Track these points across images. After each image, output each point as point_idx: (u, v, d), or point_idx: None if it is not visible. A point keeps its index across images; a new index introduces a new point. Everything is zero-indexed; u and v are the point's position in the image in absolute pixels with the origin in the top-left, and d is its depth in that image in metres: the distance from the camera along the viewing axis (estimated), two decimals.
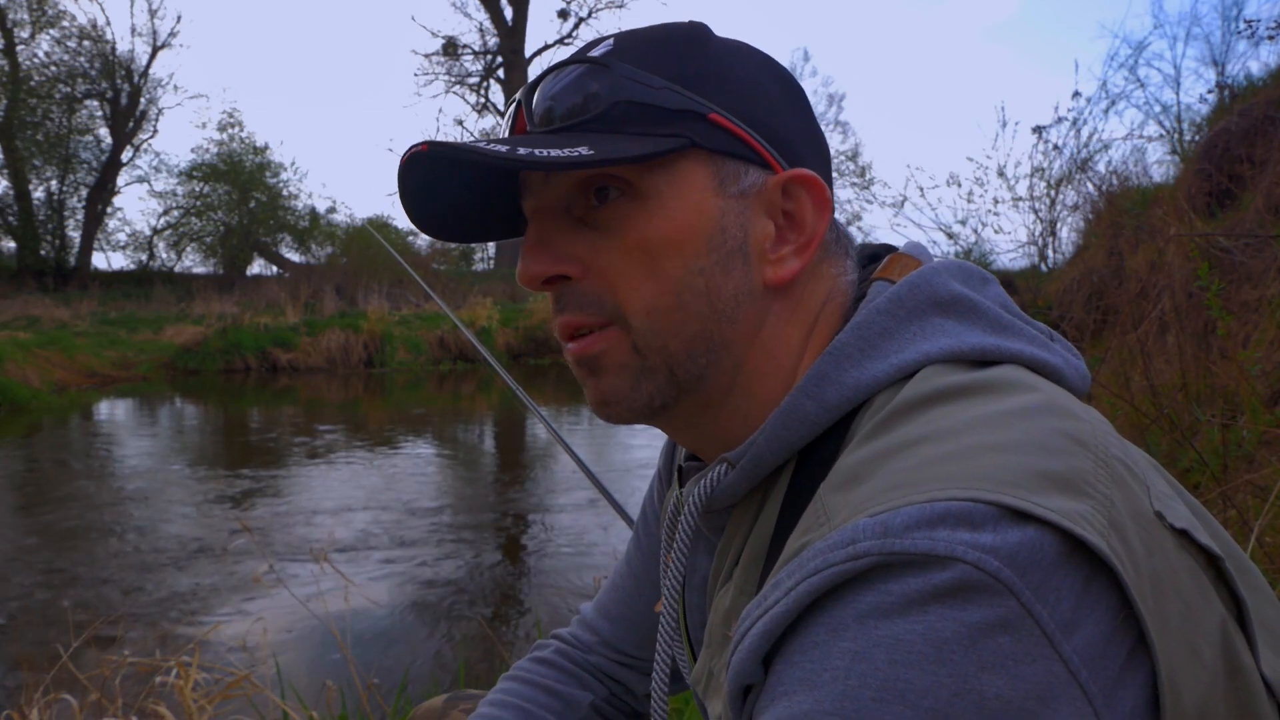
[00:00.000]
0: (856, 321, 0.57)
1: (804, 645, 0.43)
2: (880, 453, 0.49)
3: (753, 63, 0.63)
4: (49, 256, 25.19)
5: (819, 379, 0.56)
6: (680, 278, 0.59)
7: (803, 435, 0.56)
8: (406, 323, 17.58)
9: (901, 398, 0.52)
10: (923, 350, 0.55)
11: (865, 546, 0.42)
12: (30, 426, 10.56)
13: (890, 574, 0.41)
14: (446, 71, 28.30)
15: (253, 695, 2.52)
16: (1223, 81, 8.70)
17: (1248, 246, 4.52)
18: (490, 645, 3.95)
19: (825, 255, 0.63)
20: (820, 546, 0.44)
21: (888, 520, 0.42)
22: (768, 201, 0.60)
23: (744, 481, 0.59)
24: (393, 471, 7.76)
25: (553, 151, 0.55)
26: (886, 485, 0.45)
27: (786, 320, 0.61)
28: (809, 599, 0.43)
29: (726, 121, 0.59)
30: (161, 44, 26.88)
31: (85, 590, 4.69)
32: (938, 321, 0.57)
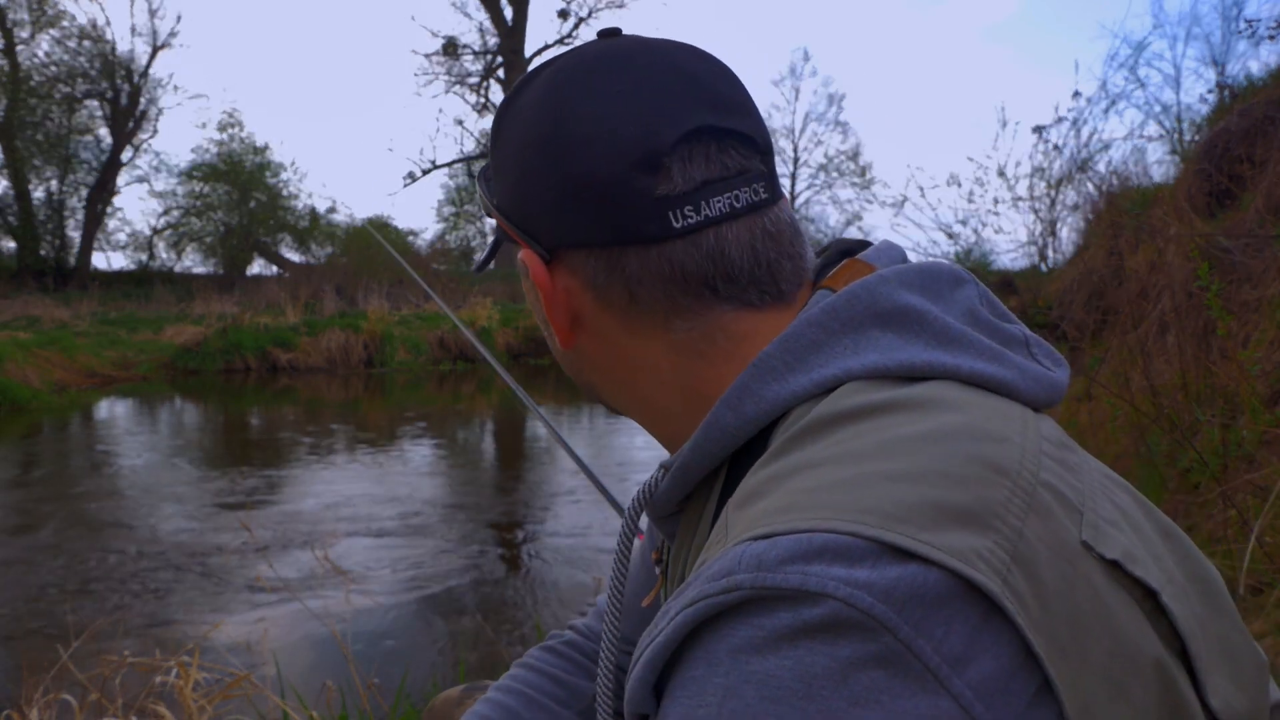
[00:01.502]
0: (785, 334, 0.56)
1: (684, 680, 0.42)
2: (781, 471, 0.48)
3: (516, 129, 0.64)
4: (49, 256, 25.20)
5: (740, 390, 0.55)
6: (547, 339, 0.70)
7: (724, 445, 0.56)
8: (406, 323, 17.58)
9: (813, 415, 0.51)
10: (845, 366, 0.54)
11: (739, 579, 0.41)
12: (30, 426, 10.57)
13: (763, 608, 0.41)
14: (446, 71, 28.31)
15: (253, 695, 2.53)
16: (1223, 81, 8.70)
17: (1248, 246, 4.52)
18: (490, 645, 3.95)
19: (630, 315, 0.61)
20: (703, 573, 0.43)
21: (763, 552, 0.41)
22: (528, 277, 0.65)
23: (676, 488, 0.59)
24: (393, 471, 7.76)
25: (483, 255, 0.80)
26: (777, 506, 0.45)
27: (630, 373, 0.64)
28: (685, 630, 0.42)
29: (495, 215, 0.67)
30: (161, 44, 26.91)
31: (85, 590, 4.69)
32: (874, 335, 0.54)
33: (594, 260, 0.61)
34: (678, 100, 0.59)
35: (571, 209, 0.60)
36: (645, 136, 0.58)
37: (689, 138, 0.58)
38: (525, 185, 0.62)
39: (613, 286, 0.61)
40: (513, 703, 0.91)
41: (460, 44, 28.00)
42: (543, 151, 0.61)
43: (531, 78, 0.65)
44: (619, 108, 0.59)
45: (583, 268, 0.61)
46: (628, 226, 0.59)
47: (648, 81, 0.59)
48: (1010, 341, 0.58)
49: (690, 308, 0.60)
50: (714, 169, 0.59)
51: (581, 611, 1.07)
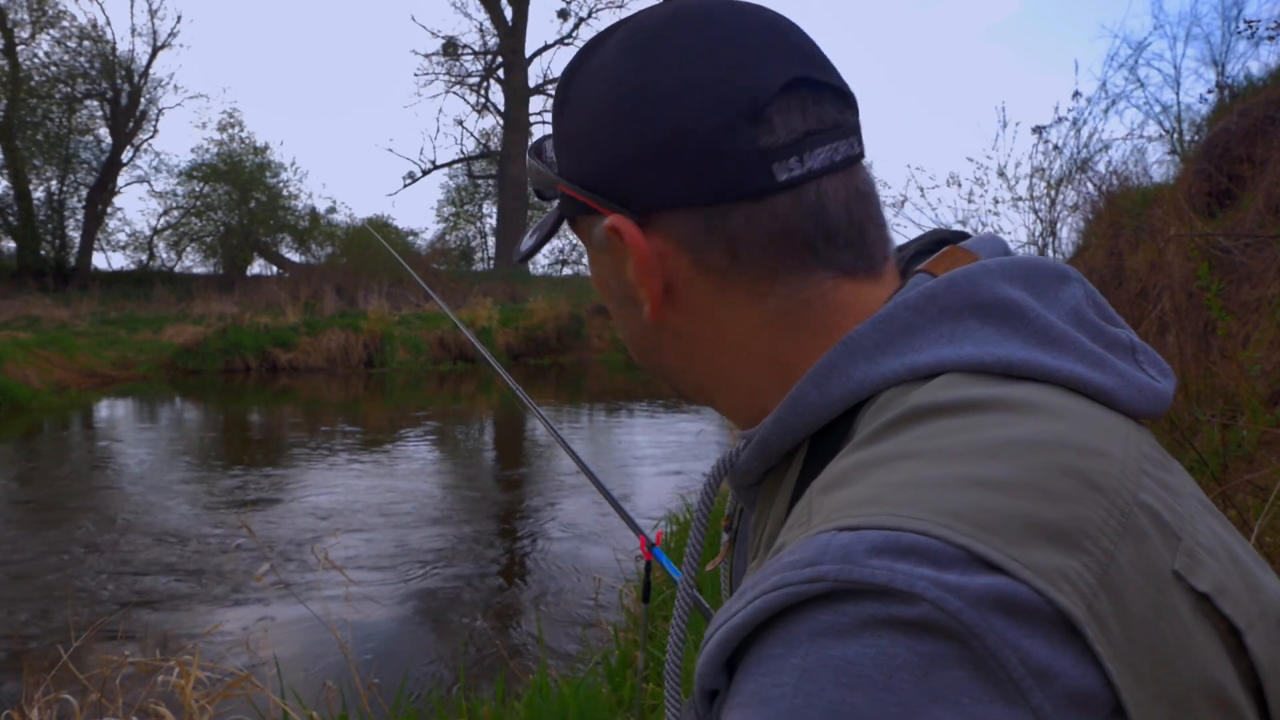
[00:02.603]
0: (879, 314, 0.54)
1: (760, 657, 0.42)
2: (871, 459, 0.47)
3: (594, 90, 0.60)
4: (49, 256, 25.20)
5: (827, 368, 0.54)
6: (617, 323, 0.68)
7: (806, 423, 0.55)
8: (406, 323, 17.59)
9: (910, 404, 0.49)
10: (940, 355, 0.52)
11: (825, 570, 0.41)
12: (30, 426, 10.57)
13: (848, 598, 0.40)
14: (446, 71, 28.32)
15: (253, 695, 2.53)
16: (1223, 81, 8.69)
17: (1248, 246, 4.52)
18: (490, 645, 3.95)
19: (727, 279, 0.59)
20: (785, 560, 0.43)
21: (850, 545, 0.41)
22: (617, 247, 0.60)
23: (756, 461, 0.58)
24: (393, 472, 7.76)
25: (526, 243, 0.72)
26: (865, 497, 0.44)
27: (718, 346, 0.62)
28: (766, 615, 0.42)
29: (564, 188, 0.63)
30: (161, 44, 26.94)
31: (86, 590, 4.69)
32: (971, 326, 0.52)
33: (693, 220, 0.58)
34: (771, 52, 0.57)
35: (669, 166, 0.57)
36: (745, 86, 0.56)
37: (787, 89, 0.56)
38: (612, 146, 0.59)
39: (713, 247, 0.58)
40: None
41: (460, 44, 28.01)
42: (634, 108, 0.58)
43: (601, 39, 0.62)
44: (713, 59, 0.57)
45: (680, 229, 0.58)
46: (732, 180, 0.56)
47: (738, 34, 0.58)
48: (1115, 346, 0.55)
49: (791, 270, 0.58)
50: (812, 121, 0.57)
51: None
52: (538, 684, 2.88)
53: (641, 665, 1.96)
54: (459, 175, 30.54)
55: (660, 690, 2.86)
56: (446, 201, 31.23)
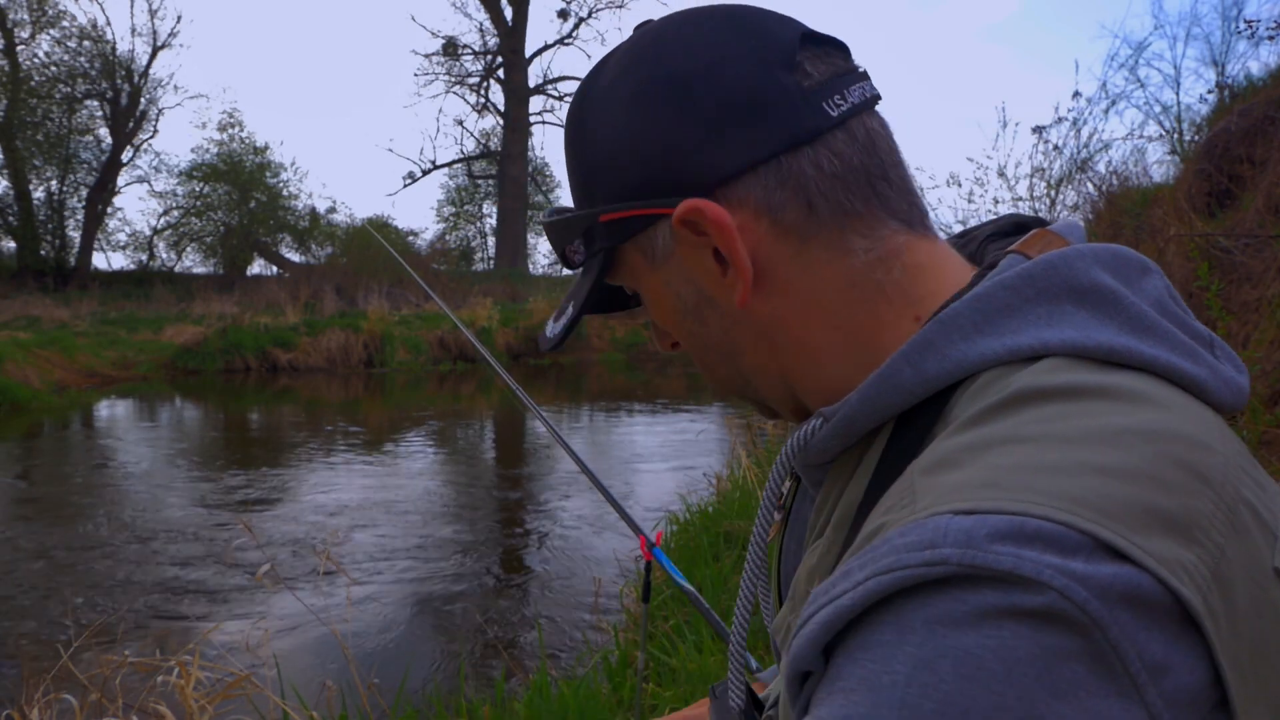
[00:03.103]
0: (976, 292, 0.53)
1: (868, 642, 0.41)
2: (981, 441, 0.46)
3: (615, 105, 0.60)
4: (49, 256, 25.21)
5: (922, 346, 0.53)
6: (688, 345, 0.66)
7: (896, 402, 0.53)
8: (406, 323, 17.59)
9: (1017, 386, 0.48)
10: (1041, 337, 0.51)
11: (946, 554, 0.40)
12: (30, 426, 10.57)
13: (968, 585, 0.39)
14: (446, 72, 28.31)
15: (253, 695, 2.53)
16: (1223, 81, 8.69)
17: (1248, 246, 4.52)
18: (490, 645, 3.95)
19: (807, 237, 0.58)
20: (898, 542, 0.42)
21: (971, 528, 0.40)
22: (688, 242, 0.59)
23: (835, 439, 0.56)
24: (393, 472, 7.76)
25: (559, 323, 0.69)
26: (979, 480, 0.43)
27: (801, 316, 0.59)
28: (877, 597, 0.41)
29: (611, 215, 0.61)
30: (161, 44, 26.95)
31: (85, 590, 4.69)
32: (1068, 310, 0.52)
33: (762, 180, 0.57)
34: (771, 20, 0.59)
35: (726, 134, 0.57)
36: (771, 43, 0.57)
37: (803, 42, 0.58)
38: (657, 141, 0.58)
39: (788, 201, 0.57)
40: None
41: (460, 44, 28.01)
42: (671, 96, 0.58)
43: (598, 70, 0.63)
44: (728, 34, 0.58)
45: (751, 194, 0.57)
46: (790, 126, 0.56)
47: (737, 15, 0.59)
48: (1197, 338, 0.55)
49: (863, 219, 0.58)
50: (834, 66, 0.59)
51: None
52: (538, 684, 2.88)
53: (641, 665, 1.96)
54: (459, 175, 30.55)
55: (660, 690, 2.86)
56: (446, 201, 31.25)
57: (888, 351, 0.56)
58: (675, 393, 13.37)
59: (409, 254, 23.28)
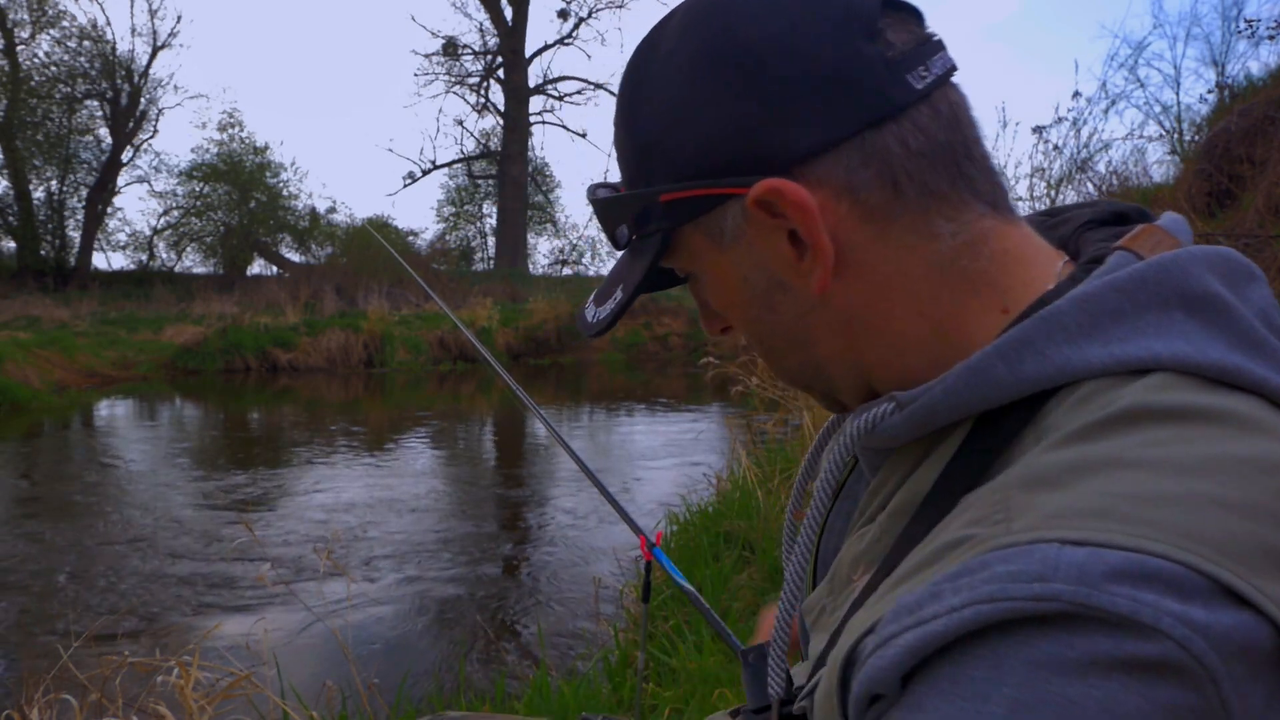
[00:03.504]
0: (1084, 292, 0.49)
1: (959, 676, 0.38)
2: (1087, 462, 0.43)
3: (678, 75, 0.55)
4: (49, 256, 25.20)
5: (1021, 344, 0.49)
6: (751, 330, 0.61)
7: (985, 400, 0.50)
8: (406, 323, 17.59)
9: (1127, 402, 0.45)
10: (1152, 349, 0.47)
11: (1057, 590, 0.37)
12: (30, 426, 10.57)
13: (1077, 626, 0.37)
14: (446, 72, 28.31)
15: (253, 695, 2.53)
16: (1223, 81, 8.69)
17: (1248, 246, 4.52)
18: (491, 645, 3.95)
19: (891, 218, 0.54)
20: (1000, 570, 0.39)
21: (1085, 563, 0.37)
22: (761, 224, 0.55)
23: (907, 428, 0.53)
24: (393, 472, 7.76)
25: (605, 307, 0.63)
26: (1088, 507, 0.40)
27: (883, 303, 0.56)
28: (973, 627, 0.38)
29: (672, 194, 0.56)
30: (161, 44, 26.93)
31: (86, 590, 4.69)
32: (1178, 319, 0.48)
33: (845, 157, 0.53)
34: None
35: (807, 107, 0.52)
36: (850, 10, 0.53)
37: (882, 8, 0.54)
38: (728, 115, 0.53)
39: (871, 181, 0.53)
40: None
41: (460, 44, 28.00)
42: (744, 66, 0.53)
43: (654, 36, 0.58)
44: (799, 0, 0.53)
45: (833, 173, 0.53)
46: (875, 100, 0.52)
47: None
48: None
49: (949, 201, 0.54)
50: (914, 34, 0.55)
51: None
52: (538, 684, 2.89)
53: (641, 665, 1.96)
54: (459, 175, 30.54)
55: (660, 690, 2.86)
56: (446, 201, 31.23)
57: (974, 343, 0.53)
58: (675, 393, 13.37)
59: (409, 254, 23.28)
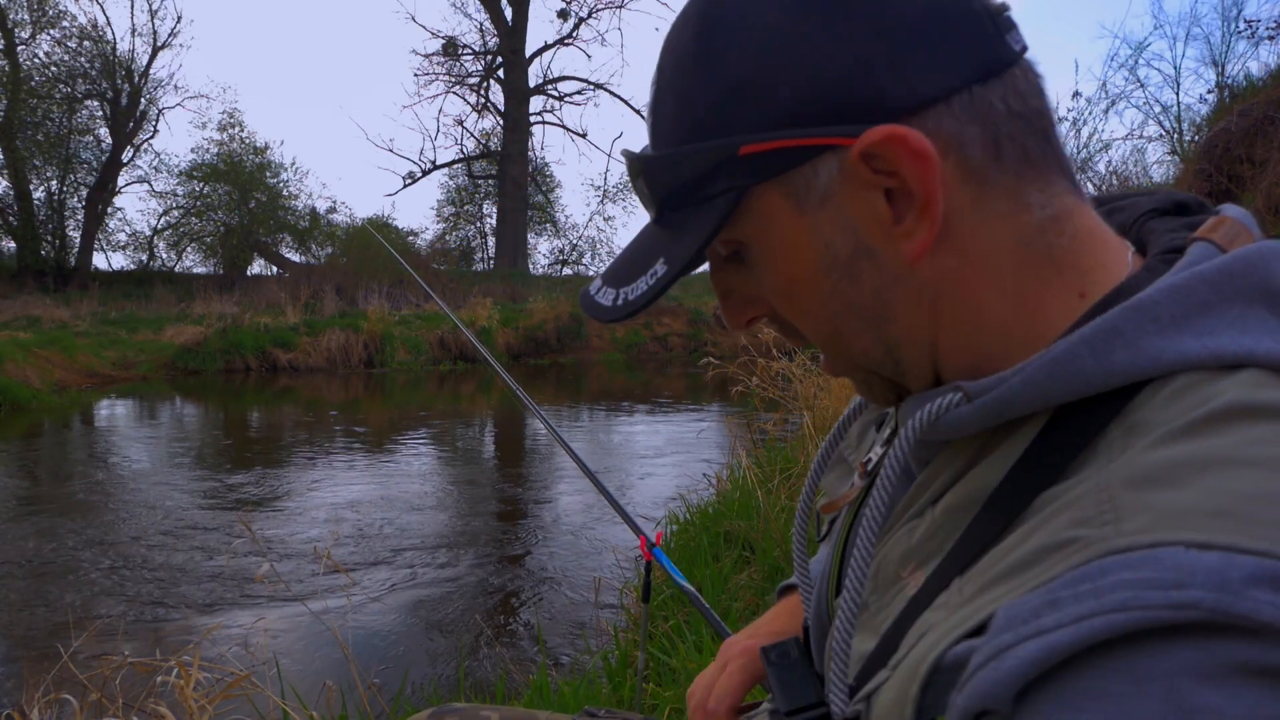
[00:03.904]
0: (1175, 283, 0.47)
1: (1093, 691, 0.37)
2: (1199, 459, 0.41)
3: (780, 7, 0.50)
4: (49, 256, 25.20)
5: (1110, 333, 0.47)
6: (820, 310, 0.55)
7: (1069, 391, 0.47)
8: (406, 323, 17.59)
9: (1230, 398, 0.43)
10: (1244, 345, 0.45)
11: (1197, 597, 0.35)
12: (30, 426, 10.57)
13: (1215, 634, 0.35)
14: (446, 72, 28.30)
15: (253, 695, 2.52)
16: (1223, 81, 8.71)
17: None
18: (491, 645, 3.95)
19: (988, 182, 0.51)
20: (1128, 576, 0.37)
21: (1222, 569, 0.36)
22: (859, 180, 0.50)
23: (978, 420, 0.51)
24: (393, 472, 7.76)
25: (634, 286, 0.56)
26: (1209, 508, 0.38)
27: (970, 275, 0.52)
28: (1103, 638, 0.37)
29: (757, 145, 0.50)
30: (161, 44, 26.94)
31: (85, 590, 4.69)
32: (1261, 314, 0.47)
33: (955, 109, 0.49)
34: None
35: (916, 51, 0.48)
36: None
37: None
38: (834, 55, 0.49)
39: (976, 139, 0.49)
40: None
41: (460, 44, 28.00)
42: (810, 10, 0.49)
43: (707, 10, 0.53)
44: None
45: (942, 123, 0.49)
46: (983, 53, 0.49)
47: None
48: None
49: (1040, 168, 0.51)
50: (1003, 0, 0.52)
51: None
52: (538, 684, 2.89)
53: (641, 665, 1.96)
54: (459, 175, 30.54)
55: (660, 690, 2.86)
56: (446, 201, 31.22)
57: (1053, 327, 0.51)
58: (675, 393, 13.37)
59: (409, 254, 23.28)
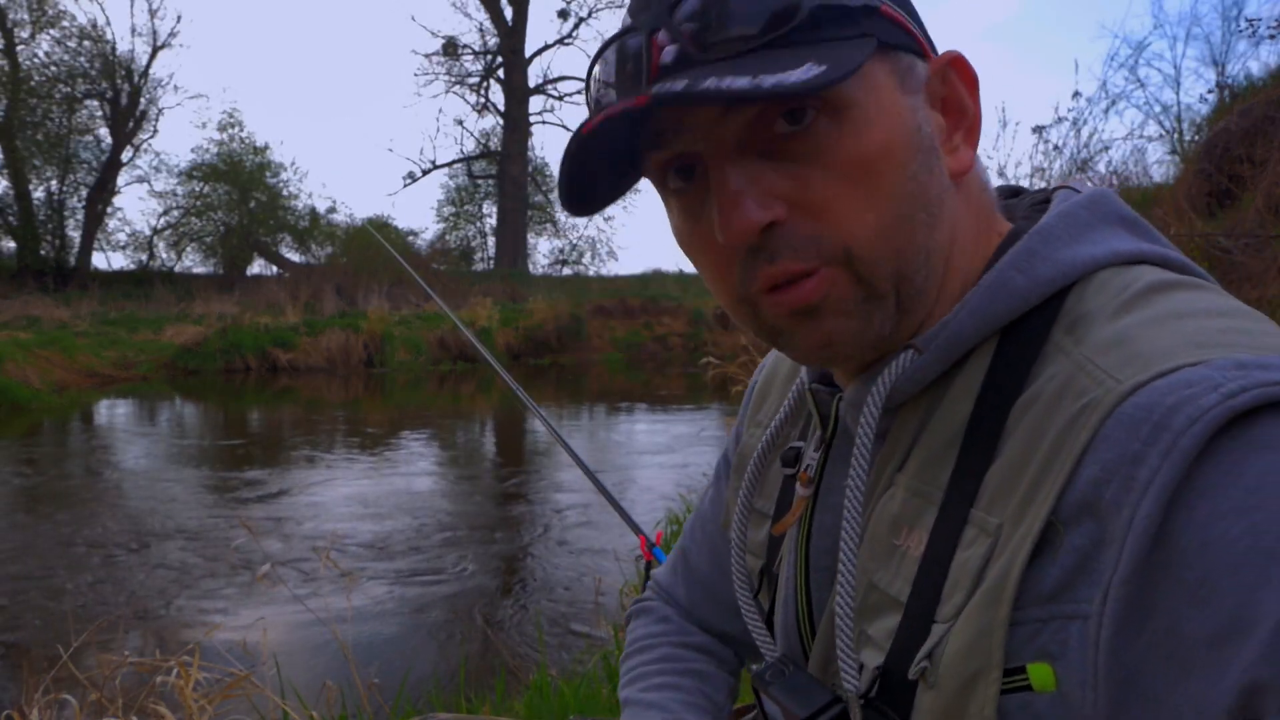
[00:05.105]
0: (1060, 212, 0.58)
1: (1254, 439, 0.42)
2: (1151, 319, 0.50)
3: None
4: (49, 256, 25.18)
5: (1029, 254, 0.56)
6: (898, 190, 0.54)
7: (1009, 309, 0.54)
8: (406, 323, 17.59)
9: (1148, 279, 0.53)
10: (1136, 245, 0.57)
11: (1256, 377, 0.42)
12: (30, 426, 10.56)
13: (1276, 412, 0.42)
14: (446, 71, 28.29)
15: (253, 695, 2.52)
16: (1223, 81, 8.70)
17: (1248, 246, 4.52)
18: (491, 644, 3.95)
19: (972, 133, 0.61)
20: (1171, 401, 0.43)
21: (1242, 361, 0.43)
22: (931, 92, 0.58)
23: (938, 361, 0.56)
24: (393, 472, 7.76)
25: (793, 75, 0.48)
26: (1188, 343, 0.46)
27: (965, 211, 0.59)
28: (1196, 451, 0.42)
29: (893, 11, 0.56)
30: (161, 44, 26.89)
31: (85, 590, 4.69)
32: (1120, 231, 0.58)
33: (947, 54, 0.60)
34: None
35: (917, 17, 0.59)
36: None
37: None
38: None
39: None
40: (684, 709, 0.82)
41: (460, 44, 27.99)
42: None
43: None
44: None
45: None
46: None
47: None
48: None
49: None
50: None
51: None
52: (537, 684, 2.88)
53: None
54: (459, 175, 30.52)
55: None
56: (446, 201, 31.21)
57: (980, 263, 0.59)
58: (675, 393, 13.37)
59: (409, 254, 23.28)
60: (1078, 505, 0.45)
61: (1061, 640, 0.45)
